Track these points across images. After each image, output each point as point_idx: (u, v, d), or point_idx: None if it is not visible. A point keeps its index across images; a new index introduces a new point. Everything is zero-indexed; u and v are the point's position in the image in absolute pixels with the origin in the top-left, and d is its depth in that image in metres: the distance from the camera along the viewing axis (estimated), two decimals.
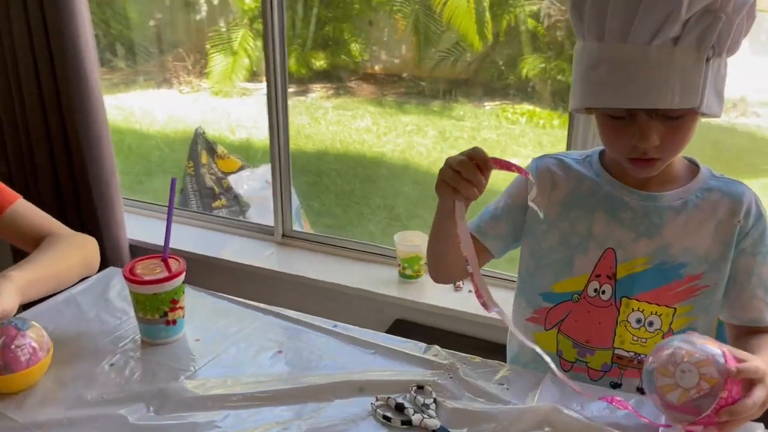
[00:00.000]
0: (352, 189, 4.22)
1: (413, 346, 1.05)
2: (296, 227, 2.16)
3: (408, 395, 0.92)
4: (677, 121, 0.87)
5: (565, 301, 1.02)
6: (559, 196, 1.02)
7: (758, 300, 0.98)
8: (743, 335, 0.99)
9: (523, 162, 1.04)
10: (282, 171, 2.01)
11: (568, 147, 1.70)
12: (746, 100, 3.47)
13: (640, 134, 0.87)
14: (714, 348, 0.77)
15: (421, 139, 4.62)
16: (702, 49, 0.82)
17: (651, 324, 0.99)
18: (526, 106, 4.61)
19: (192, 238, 2.12)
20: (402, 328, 1.78)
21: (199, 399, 0.90)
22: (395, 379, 0.95)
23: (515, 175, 1.00)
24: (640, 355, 1.00)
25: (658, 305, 0.98)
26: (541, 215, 0.95)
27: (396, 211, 3.85)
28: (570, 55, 1.04)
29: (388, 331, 1.76)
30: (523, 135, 4.59)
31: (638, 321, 1.00)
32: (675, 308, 0.98)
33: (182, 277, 1.02)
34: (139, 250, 2.06)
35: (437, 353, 1.02)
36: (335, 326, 1.10)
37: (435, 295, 1.76)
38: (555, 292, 1.03)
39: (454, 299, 1.74)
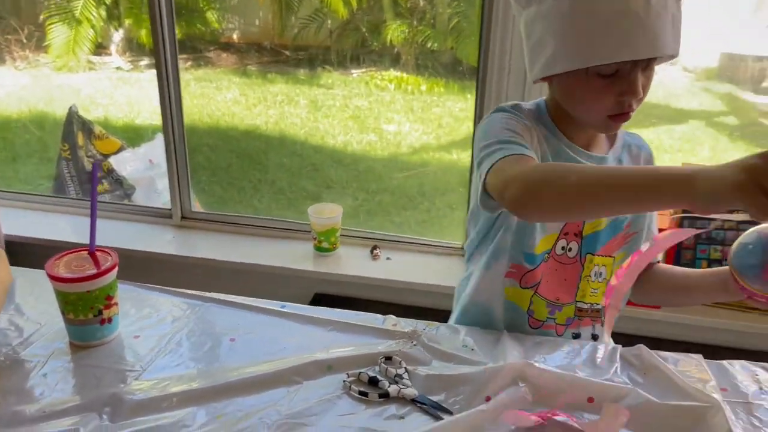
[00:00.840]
0: (229, 164, 4.06)
1: (370, 318, 1.03)
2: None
3: (378, 368, 0.90)
4: (651, 71, 0.91)
5: (541, 263, 1.03)
6: (541, 153, 0.97)
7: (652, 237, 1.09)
8: (645, 272, 1.08)
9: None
10: (177, 149, 1.88)
11: (477, 118, 1.73)
12: None
13: (631, 87, 0.88)
14: None
15: (293, 109, 4.53)
16: None
17: (600, 275, 1.06)
18: (393, 73, 4.66)
19: (76, 228, 1.92)
20: (323, 301, 1.75)
21: (157, 399, 0.83)
22: (361, 354, 0.93)
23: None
24: (594, 305, 1.06)
25: (606, 257, 1.05)
26: None
27: (278, 185, 3.77)
28: (431, 21, 1.01)
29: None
30: (394, 101, 4.65)
31: (596, 275, 1.06)
32: (614, 257, 1.06)
33: (116, 270, 0.93)
34: (16, 246, 1.84)
35: (395, 322, 1.02)
36: (283, 307, 1.06)
37: (353, 266, 1.75)
38: (536, 253, 1.01)
39: (373, 268, 1.74)
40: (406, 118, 4.52)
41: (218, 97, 4.64)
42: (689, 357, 0.94)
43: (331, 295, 1.77)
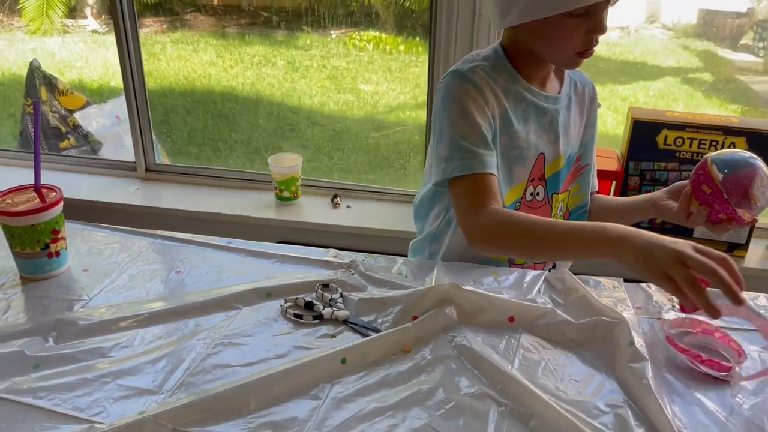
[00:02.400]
0: (205, 125, 4.06)
1: (313, 251, 1.07)
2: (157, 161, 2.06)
3: (315, 294, 0.95)
4: (612, 6, 0.96)
5: None
6: (499, 110, 1.02)
7: (595, 169, 1.17)
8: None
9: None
10: (138, 101, 1.89)
11: (431, 68, 1.74)
12: None
13: (600, 24, 0.94)
14: None
15: (270, 70, 4.51)
16: None
17: (560, 210, 1.12)
18: (372, 33, 4.64)
19: (44, 181, 1.94)
20: None
21: (101, 324, 0.87)
22: (301, 281, 0.97)
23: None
24: None
25: (564, 192, 1.12)
26: None
27: (254, 145, 3.78)
28: None
29: None
30: (372, 61, 4.63)
31: (560, 211, 1.12)
32: (569, 191, 1.13)
33: (61, 205, 0.96)
34: None
35: (337, 254, 1.06)
36: (230, 242, 1.10)
37: (315, 214, 1.79)
38: (506, 205, 1.04)
39: (334, 216, 1.78)
40: (383, 78, 4.52)
41: (195, 59, 4.60)
42: (610, 279, 1.00)
43: (294, 243, 1.81)
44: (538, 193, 1.08)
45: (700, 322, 0.89)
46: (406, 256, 1.22)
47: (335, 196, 1.85)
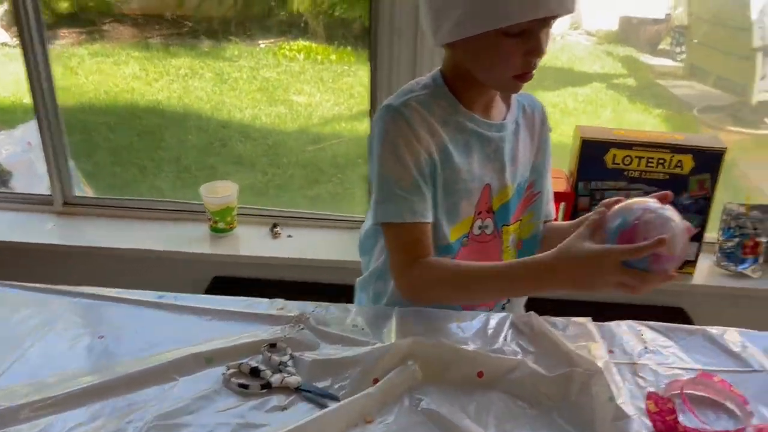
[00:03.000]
0: (130, 143, 3.87)
1: (254, 304, 0.97)
2: (76, 192, 1.89)
3: (261, 357, 0.85)
4: (550, 29, 0.90)
5: (459, 249, 1.00)
6: (438, 144, 0.95)
7: (550, 195, 1.13)
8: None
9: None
10: (52, 128, 1.72)
11: (373, 89, 1.67)
12: None
13: (538, 46, 0.88)
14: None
15: (197, 82, 4.35)
16: None
17: (512, 241, 1.06)
18: (302, 42, 4.54)
19: None
20: (222, 285, 1.68)
21: (10, 411, 0.74)
22: (243, 342, 0.87)
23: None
24: None
25: (515, 223, 1.05)
26: None
27: (184, 163, 3.62)
28: None
29: (208, 291, 1.66)
30: (304, 72, 4.54)
31: (512, 243, 1.06)
32: (521, 220, 1.07)
33: None
34: None
35: (282, 306, 0.97)
36: (161, 297, 0.98)
37: (253, 246, 1.67)
38: (451, 242, 0.99)
39: (274, 247, 1.67)
40: (316, 88, 4.43)
41: (117, 72, 4.39)
42: (578, 322, 0.94)
43: (231, 278, 1.69)
44: (486, 227, 1.02)
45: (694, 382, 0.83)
46: (353, 287, 1.15)
47: (275, 226, 1.74)
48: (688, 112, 3.46)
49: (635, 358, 0.87)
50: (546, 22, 0.87)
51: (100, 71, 4.30)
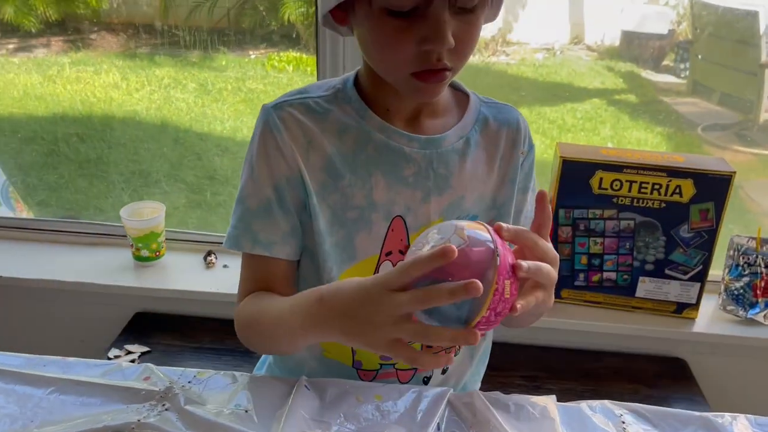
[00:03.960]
0: (99, 156, 3.71)
1: (116, 371, 0.74)
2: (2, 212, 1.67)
3: None
4: (472, 15, 0.67)
5: None
6: (320, 159, 0.76)
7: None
8: None
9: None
10: None
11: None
12: (496, 39, 3.60)
13: (435, 30, 0.64)
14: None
15: (179, 93, 4.18)
16: None
17: None
18: (293, 53, 4.39)
19: None
20: (144, 322, 1.45)
21: None
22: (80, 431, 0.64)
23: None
24: None
25: None
26: None
27: (154, 177, 3.44)
28: None
29: (127, 329, 1.43)
30: (292, 83, 4.37)
31: None
32: None
33: None
34: None
35: (150, 375, 0.74)
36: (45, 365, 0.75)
37: (182, 277, 1.44)
38: None
39: (206, 279, 1.44)
40: None
41: (96, 81, 4.24)
42: (537, 404, 0.71)
43: (155, 314, 1.46)
44: None
45: None
46: None
47: (210, 253, 1.51)
48: (692, 131, 3.28)
49: None
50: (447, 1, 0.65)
51: (79, 80, 4.15)
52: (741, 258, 1.37)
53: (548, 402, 0.72)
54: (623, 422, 0.70)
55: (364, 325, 0.57)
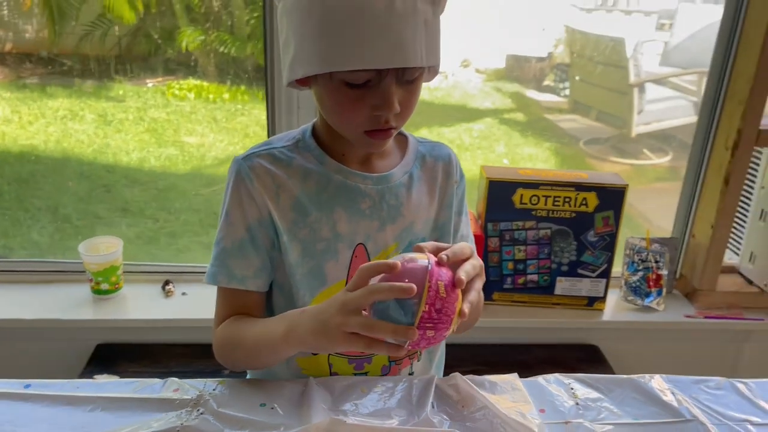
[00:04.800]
0: (0, 193, 3.55)
1: (143, 387, 0.84)
2: None
3: None
4: (413, 85, 0.80)
5: None
6: (288, 201, 0.88)
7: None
8: None
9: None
10: None
11: (271, 129, 1.59)
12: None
13: (385, 100, 0.77)
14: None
15: (78, 125, 4.07)
16: (436, 2, 0.77)
17: None
18: (193, 81, 4.38)
19: None
20: (107, 354, 1.49)
21: None
22: None
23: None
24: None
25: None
26: None
27: (63, 212, 3.35)
28: (229, 26, 0.88)
29: (91, 362, 1.47)
30: (195, 111, 4.37)
31: None
32: None
33: None
34: None
35: (178, 386, 0.84)
36: (28, 387, 0.83)
37: (142, 307, 1.50)
38: None
39: (166, 307, 1.51)
40: (209, 128, 4.27)
41: None
42: (505, 380, 0.88)
43: (117, 344, 1.51)
44: None
45: None
46: None
47: (167, 283, 1.58)
48: (575, 145, 3.61)
49: (568, 416, 0.82)
50: (395, 73, 0.77)
51: None
52: (635, 256, 1.64)
53: (513, 379, 0.89)
54: (572, 388, 0.88)
55: (325, 322, 0.70)
